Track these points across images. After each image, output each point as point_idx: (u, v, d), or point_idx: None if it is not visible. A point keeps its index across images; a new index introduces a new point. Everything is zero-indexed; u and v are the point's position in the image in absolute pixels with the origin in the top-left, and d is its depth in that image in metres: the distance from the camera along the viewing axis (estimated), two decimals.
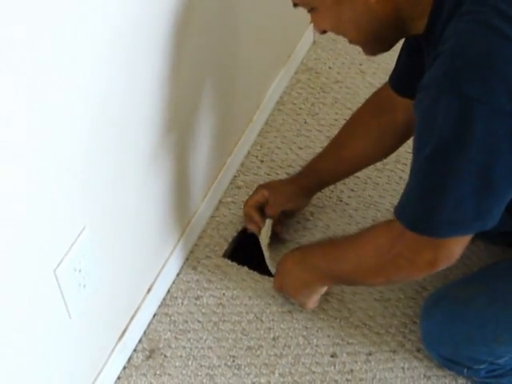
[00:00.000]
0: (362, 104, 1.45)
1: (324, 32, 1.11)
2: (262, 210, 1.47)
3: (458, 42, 0.93)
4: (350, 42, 1.11)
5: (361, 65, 1.92)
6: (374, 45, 1.11)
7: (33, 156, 0.87)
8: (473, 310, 1.20)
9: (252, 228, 1.48)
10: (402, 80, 1.31)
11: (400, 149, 1.66)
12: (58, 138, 0.91)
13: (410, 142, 1.64)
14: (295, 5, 1.09)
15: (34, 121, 0.85)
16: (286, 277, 1.34)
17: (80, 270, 1.06)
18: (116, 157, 1.09)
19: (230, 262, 1.49)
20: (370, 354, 1.37)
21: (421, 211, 1.02)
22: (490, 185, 0.95)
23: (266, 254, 1.45)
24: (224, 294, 1.44)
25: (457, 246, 1.04)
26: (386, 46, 1.12)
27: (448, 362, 1.31)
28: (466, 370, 1.30)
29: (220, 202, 1.60)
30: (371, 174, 1.66)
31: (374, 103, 1.41)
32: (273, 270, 1.44)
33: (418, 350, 1.37)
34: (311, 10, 1.08)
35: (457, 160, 0.94)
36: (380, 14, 1.03)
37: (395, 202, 1.59)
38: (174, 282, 1.46)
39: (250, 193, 1.61)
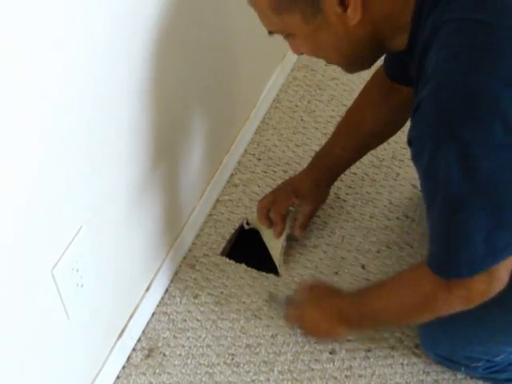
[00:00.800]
0: (367, 84, 1.43)
1: (301, 53, 1.10)
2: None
3: (441, 84, 0.90)
4: (330, 63, 1.10)
5: None
6: (355, 65, 1.11)
7: (29, 155, 0.87)
8: (469, 310, 1.20)
9: (276, 232, 1.45)
10: (392, 71, 1.31)
11: (396, 145, 1.68)
12: (55, 137, 0.91)
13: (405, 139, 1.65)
14: (270, 33, 1.06)
15: (32, 120, 0.85)
16: (310, 320, 1.32)
17: (77, 270, 1.06)
18: (113, 156, 1.09)
19: (227, 259, 1.49)
20: (369, 351, 1.37)
21: (445, 261, 1.02)
22: (503, 222, 0.94)
23: (284, 243, 1.44)
24: (222, 292, 1.44)
25: (481, 280, 1.03)
26: (367, 65, 1.11)
27: (445, 361, 1.32)
28: (463, 368, 1.31)
29: (217, 200, 1.60)
30: (368, 171, 1.66)
31: (380, 83, 1.39)
32: (278, 261, 1.44)
33: (417, 346, 1.36)
34: (287, 37, 1.05)
35: (468, 206, 0.93)
36: (360, 37, 1.00)
37: (392, 198, 1.61)
38: (172, 281, 1.46)
39: (247, 191, 1.61)
